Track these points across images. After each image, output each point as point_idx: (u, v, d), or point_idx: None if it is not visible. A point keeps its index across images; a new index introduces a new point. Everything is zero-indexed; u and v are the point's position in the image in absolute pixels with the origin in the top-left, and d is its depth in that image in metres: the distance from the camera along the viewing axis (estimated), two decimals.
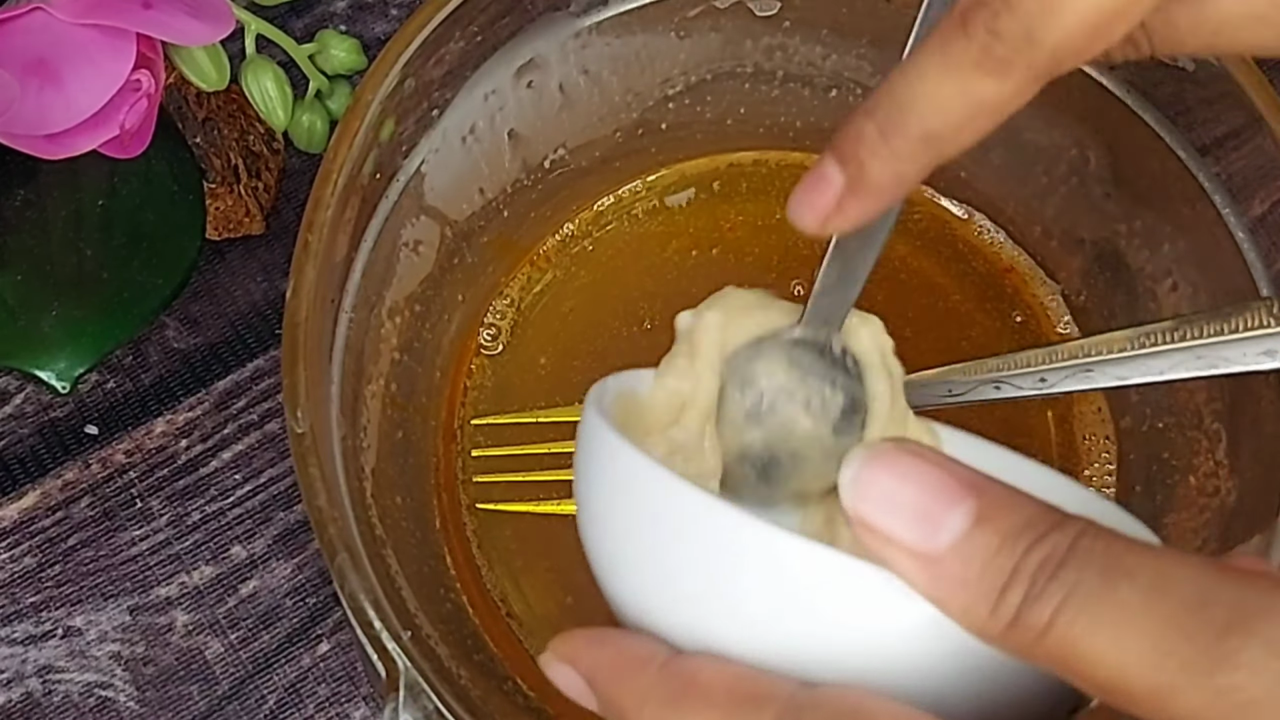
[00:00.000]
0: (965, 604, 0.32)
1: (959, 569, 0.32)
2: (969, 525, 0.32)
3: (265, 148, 0.64)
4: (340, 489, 0.47)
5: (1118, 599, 0.30)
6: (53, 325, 0.58)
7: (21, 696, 0.58)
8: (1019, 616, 0.31)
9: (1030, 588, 0.31)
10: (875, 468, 0.33)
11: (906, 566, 0.32)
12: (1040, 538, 0.31)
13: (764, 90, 0.61)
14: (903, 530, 0.32)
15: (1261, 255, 0.52)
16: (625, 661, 0.35)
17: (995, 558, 0.31)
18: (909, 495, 0.32)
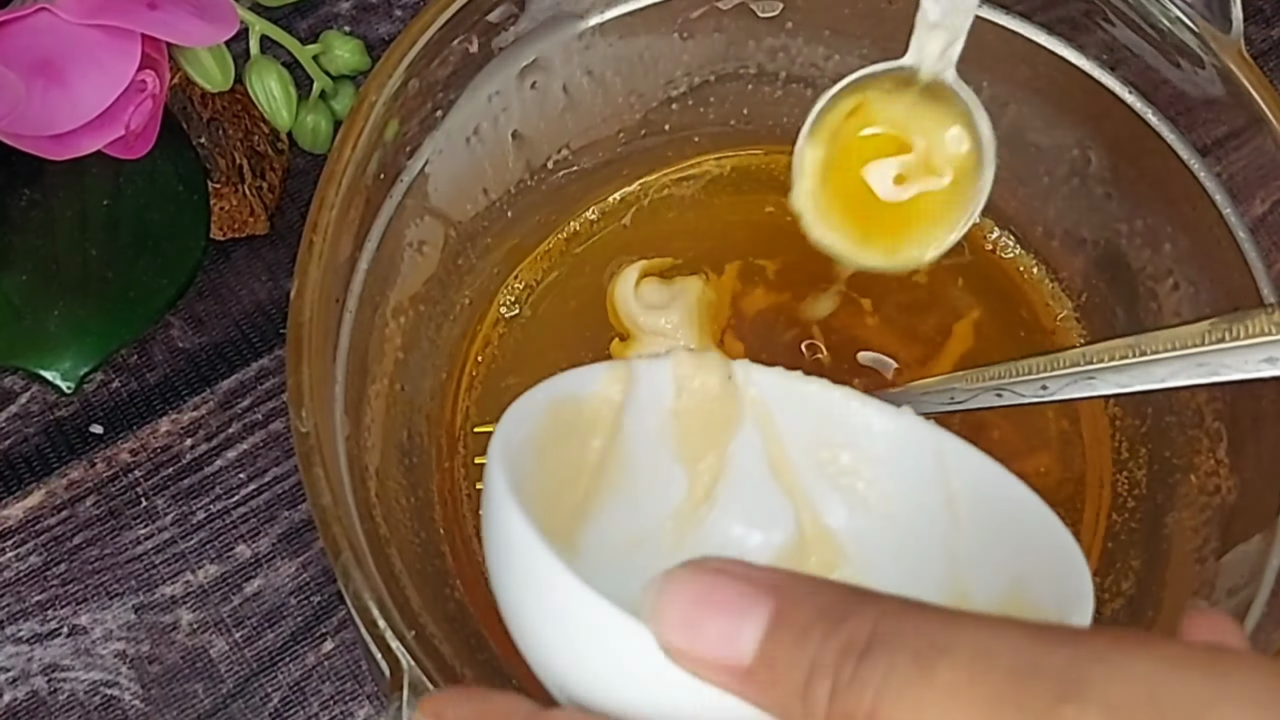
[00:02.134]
0: (781, 705, 0.31)
1: (765, 673, 0.31)
2: (767, 628, 0.32)
3: (270, 148, 0.64)
4: (344, 488, 0.47)
5: (939, 681, 0.29)
6: (58, 325, 0.58)
7: (27, 695, 0.58)
8: (833, 709, 0.30)
9: (836, 678, 0.30)
10: (670, 595, 0.33)
11: (726, 682, 0.32)
12: (835, 626, 0.31)
13: (766, 91, 0.61)
14: (709, 649, 0.32)
15: (1262, 255, 0.52)
16: (485, 716, 0.36)
17: (794, 654, 0.31)
18: (707, 615, 0.32)
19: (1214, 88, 0.51)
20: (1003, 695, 0.29)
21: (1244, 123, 0.51)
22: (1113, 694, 0.28)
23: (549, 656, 0.37)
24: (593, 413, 0.46)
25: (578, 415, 0.45)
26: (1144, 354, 0.47)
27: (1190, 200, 0.54)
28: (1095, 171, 0.57)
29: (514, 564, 0.38)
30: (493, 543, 0.39)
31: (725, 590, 0.32)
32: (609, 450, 0.46)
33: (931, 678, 0.29)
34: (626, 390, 0.46)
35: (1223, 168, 0.53)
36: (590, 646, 0.35)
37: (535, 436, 0.44)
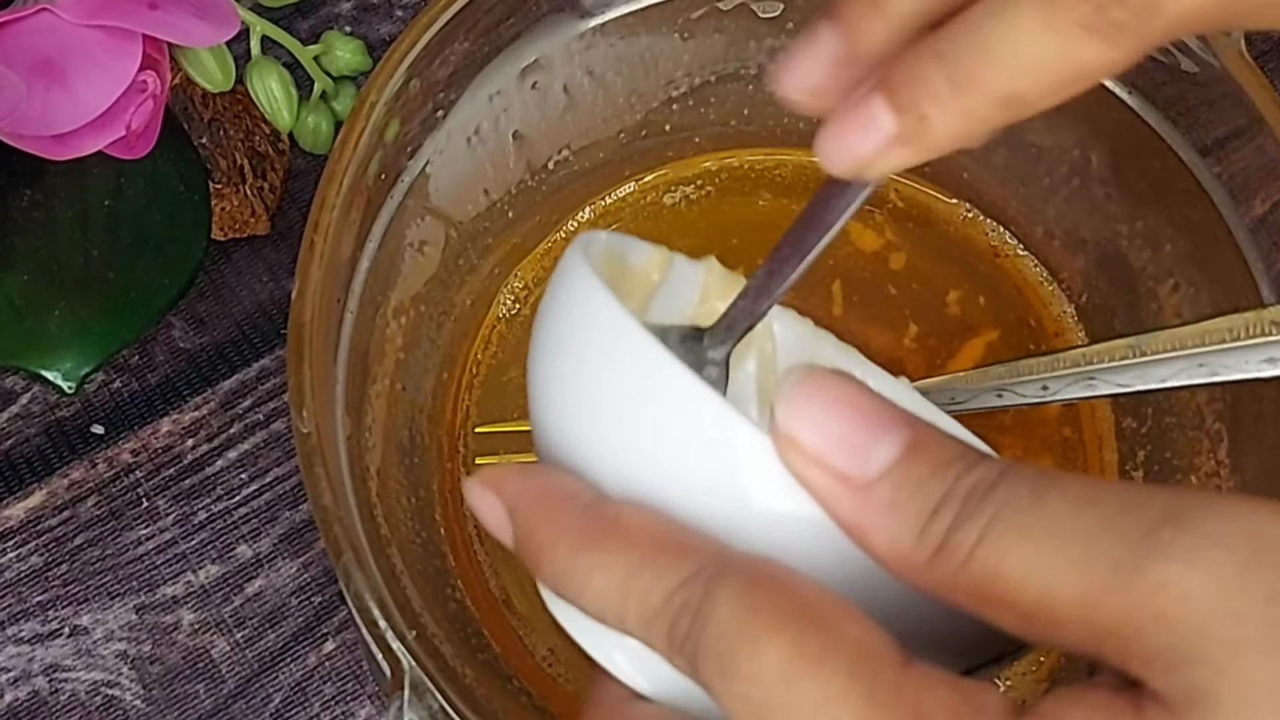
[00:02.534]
0: (892, 531, 0.30)
1: (888, 494, 0.31)
2: (900, 453, 0.31)
3: (271, 148, 0.64)
4: (345, 488, 0.47)
5: (1046, 510, 0.29)
6: (59, 325, 0.58)
7: (29, 695, 0.58)
8: (946, 540, 0.30)
9: (961, 509, 0.30)
10: (811, 388, 0.32)
11: (832, 492, 0.31)
12: (971, 466, 0.30)
13: (767, 92, 0.61)
14: (833, 453, 0.31)
15: (1262, 255, 0.52)
16: (551, 495, 0.34)
17: (927, 483, 0.30)
18: (842, 419, 0.31)
19: (1214, 88, 0.51)
20: (1104, 523, 0.28)
21: (1244, 123, 0.51)
22: (1211, 524, 0.28)
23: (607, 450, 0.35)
24: (631, 281, 0.45)
25: (620, 275, 0.44)
26: (1144, 354, 0.47)
27: (1191, 201, 0.54)
28: (1096, 172, 0.57)
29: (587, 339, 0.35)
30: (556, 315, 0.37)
31: (869, 404, 0.32)
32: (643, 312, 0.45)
33: (1043, 506, 0.29)
34: (663, 276, 0.45)
35: (1223, 168, 0.53)
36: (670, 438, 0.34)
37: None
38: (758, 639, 0.29)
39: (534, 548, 0.34)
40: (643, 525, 0.33)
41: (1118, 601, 0.28)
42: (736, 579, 0.30)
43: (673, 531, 0.32)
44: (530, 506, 0.34)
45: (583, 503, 0.33)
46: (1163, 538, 0.28)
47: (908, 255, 0.61)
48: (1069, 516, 0.29)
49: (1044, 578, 0.28)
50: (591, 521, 0.33)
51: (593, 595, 0.32)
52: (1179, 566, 0.27)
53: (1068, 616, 0.28)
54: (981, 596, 0.30)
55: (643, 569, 0.32)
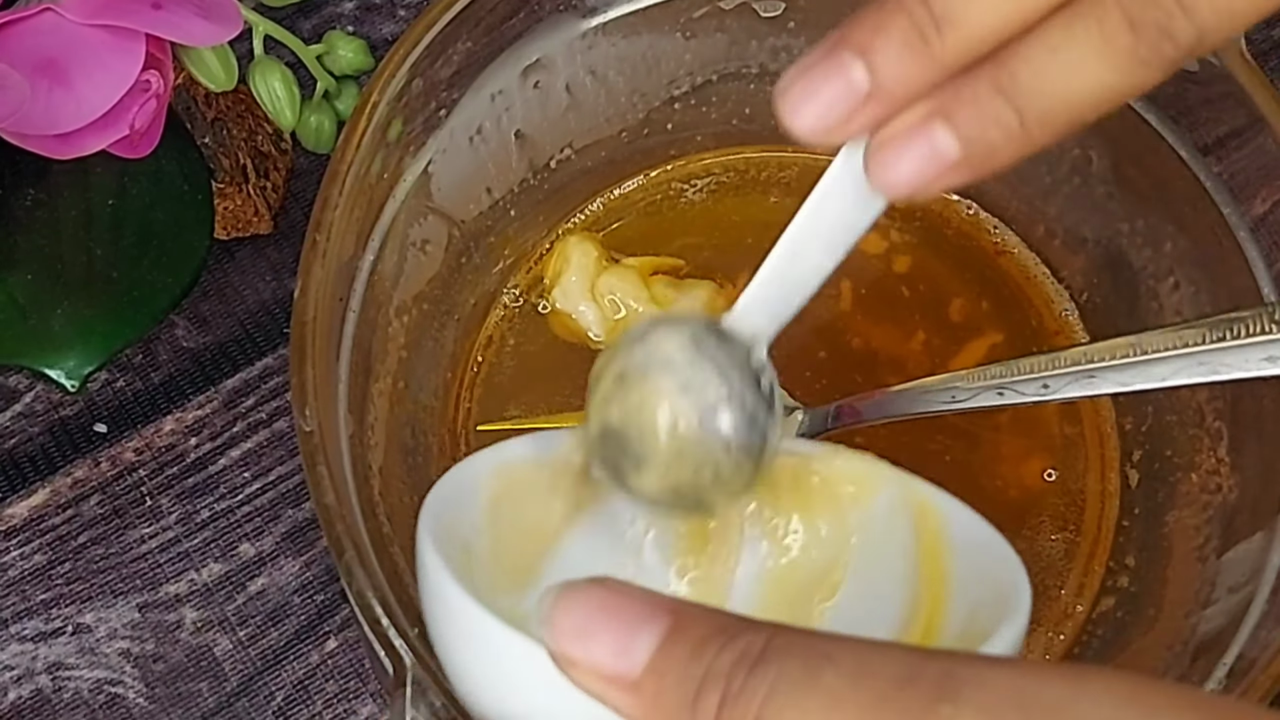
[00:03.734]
0: (665, 719, 0.31)
1: (653, 685, 0.31)
2: (661, 642, 0.32)
3: (273, 148, 0.64)
4: (348, 487, 0.48)
5: (823, 685, 0.29)
6: (62, 324, 0.58)
7: (32, 693, 0.58)
8: (721, 718, 0.30)
9: (727, 687, 0.30)
10: (567, 603, 0.33)
11: (612, 696, 0.32)
12: (731, 639, 0.31)
13: (769, 91, 0.61)
14: (600, 658, 0.32)
15: (1263, 254, 0.52)
16: None
17: (687, 666, 0.31)
18: (602, 624, 0.32)
19: (1215, 87, 0.51)
20: (884, 698, 0.29)
21: (1245, 122, 0.51)
22: (984, 695, 0.29)
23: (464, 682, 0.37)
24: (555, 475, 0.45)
25: (536, 479, 0.45)
26: (1145, 353, 0.47)
27: (1191, 200, 0.54)
28: (1097, 171, 0.57)
29: (430, 594, 0.38)
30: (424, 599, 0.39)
31: (622, 603, 0.32)
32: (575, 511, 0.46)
33: (817, 682, 0.30)
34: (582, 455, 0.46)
35: (1224, 167, 0.53)
36: (494, 665, 0.35)
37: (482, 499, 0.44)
38: None
39: None
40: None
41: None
42: None
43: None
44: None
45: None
46: (942, 713, 0.29)
47: (909, 254, 0.61)
48: (846, 692, 0.29)
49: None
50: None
51: None
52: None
53: None
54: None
55: None
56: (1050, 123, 0.34)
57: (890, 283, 0.61)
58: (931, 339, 0.60)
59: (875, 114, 0.35)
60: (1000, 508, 0.57)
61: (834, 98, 0.35)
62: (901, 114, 0.35)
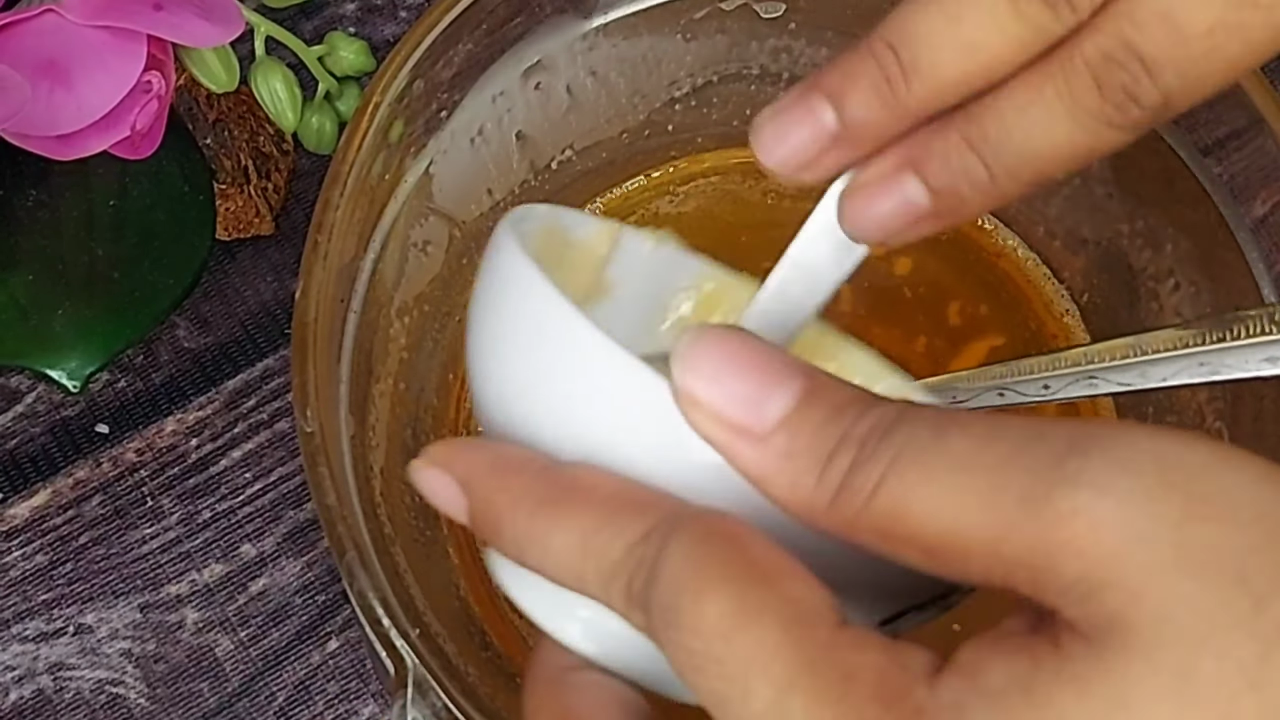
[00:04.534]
0: (790, 477, 0.31)
1: (784, 442, 0.31)
2: (796, 401, 0.31)
3: (275, 149, 0.64)
4: (349, 487, 0.48)
5: (949, 447, 0.29)
6: (64, 325, 0.58)
7: (33, 693, 0.58)
8: (846, 482, 0.30)
9: (860, 451, 0.30)
10: (705, 344, 0.32)
11: (732, 445, 0.31)
12: (868, 408, 0.31)
13: (770, 92, 0.61)
14: (729, 406, 0.31)
15: (1263, 256, 0.52)
16: (505, 464, 0.34)
17: (823, 427, 0.31)
18: (737, 372, 0.32)
19: None
20: (1009, 456, 0.28)
21: (1245, 123, 0.51)
22: (1118, 449, 0.28)
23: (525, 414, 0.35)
24: (576, 255, 0.45)
25: (562, 250, 0.44)
26: (1145, 353, 0.47)
27: (1191, 201, 0.54)
28: (1096, 172, 0.58)
29: (517, 318, 0.36)
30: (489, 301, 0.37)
31: (762, 356, 0.32)
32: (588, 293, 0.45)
33: (944, 444, 0.29)
34: (611, 249, 0.45)
35: (1224, 168, 0.53)
36: (592, 401, 0.34)
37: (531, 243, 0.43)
38: (701, 592, 0.30)
39: (491, 516, 0.34)
40: (599, 484, 0.33)
41: (1027, 532, 0.28)
42: (688, 534, 0.31)
43: (629, 489, 0.33)
44: (484, 477, 0.34)
45: (537, 467, 0.34)
46: (1070, 467, 0.28)
47: (909, 256, 0.62)
48: (973, 452, 0.29)
49: (950, 512, 0.29)
50: (548, 484, 0.33)
51: (553, 557, 0.33)
52: (1088, 494, 0.27)
53: (976, 550, 0.28)
54: (885, 536, 0.30)
55: (600, 528, 0.32)
56: (1018, 178, 0.35)
57: (891, 284, 0.61)
58: (932, 341, 0.60)
59: (843, 156, 0.36)
60: None
61: (804, 139, 0.36)
62: (874, 162, 0.36)
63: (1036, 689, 0.28)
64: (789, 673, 0.29)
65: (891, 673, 0.29)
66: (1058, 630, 0.28)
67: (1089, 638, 0.27)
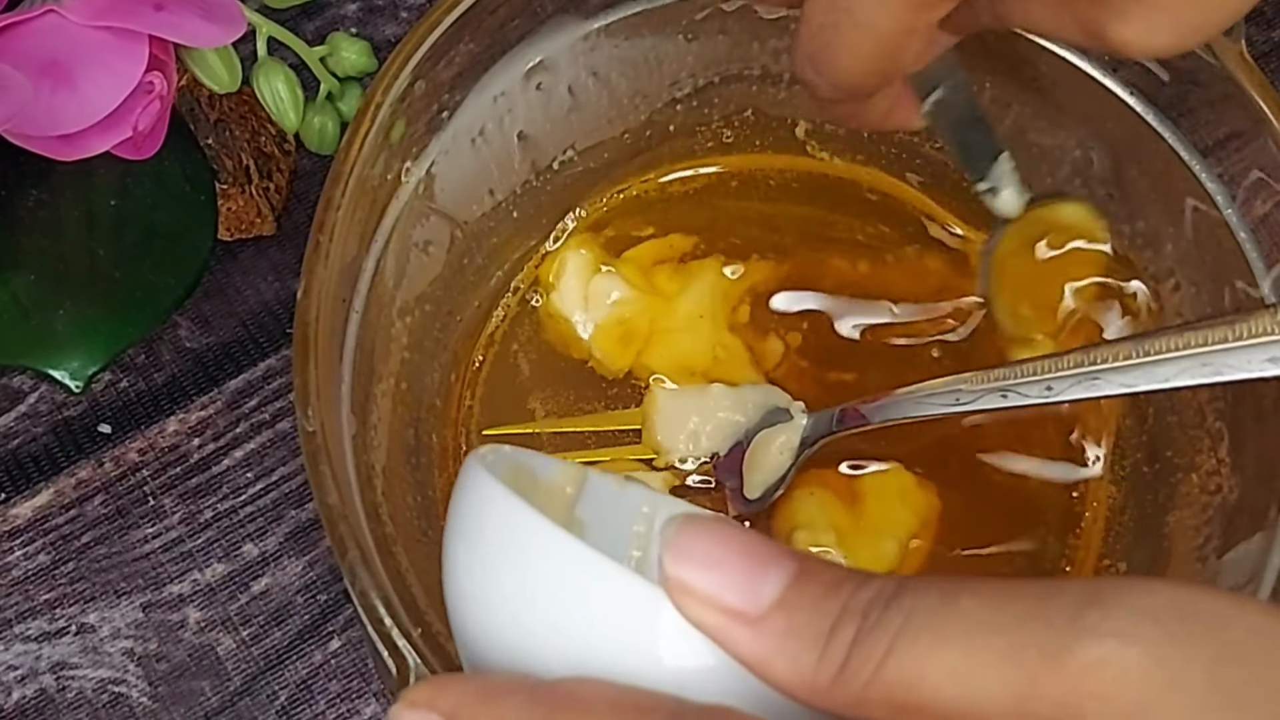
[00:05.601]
0: (791, 656, 0.30)
1: (782, 621, 0.30)
2: (790, 580, 0.31)
3: (277, 149, 0.64)
4: (351, 487, 0.48)
5: (960, 610, 0.28)
6: (66, 325, 0.58)
7: (36, 693, 0.58)
8: (850, 655, 0.29)
9: (863, 621, 0.29)
10: (693, 532, 0.32)
11: (727, 630, 0.31)
12: (865, 582, 0.30)
13: (771, 92, 0.61)
14: (723, 591, 0.31)
15: (1263, 256, 0.52)
16: (493, 690, 0.33)
17: (821, 602, 0.30)
18: (729, 557, 0.31)
19: (1215, 89, 0.51)
20: (1027, 615, 0.28)
21: (1245, 124, 0.51)
22: (1135, 600, 0.28)
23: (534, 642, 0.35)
24: (542, 496, 0.45)
25: (529, 491, 0.45)
26: (1148, 354, 0.47)
27: (1191, 200, 0.54)
28: (1097, 172, 0.58)
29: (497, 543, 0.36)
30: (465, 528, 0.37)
31: (750, 540, 0.32)
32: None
33: (955, 608, 0.29)
34: (577, 489, 0.46)
35: (1224, 168, 0.53)
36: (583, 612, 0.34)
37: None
38: None
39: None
40: (598, 694, 0.32)
41: (1053, 687, 0.27)
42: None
43: (628, 695, 0.32)
44: (475, 708, 0.32)
45: (528, 688, 0.32)
46: (1090, 619, 0.27)
47: (910, 256, 0.62)
48: (986, 612, 0.28)
49: (968, 675, 0.28)
50: (544, 703, 0.32)
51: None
52: (1114, 643, 0.27)
53: (997, 711, 0.28)
54: (897, 709, 0.29)
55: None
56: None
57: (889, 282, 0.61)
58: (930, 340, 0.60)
59: None
60: (1001, 508, 0.57)
61: None
62: None
63: None
64: None
65: None
66: None
67: None
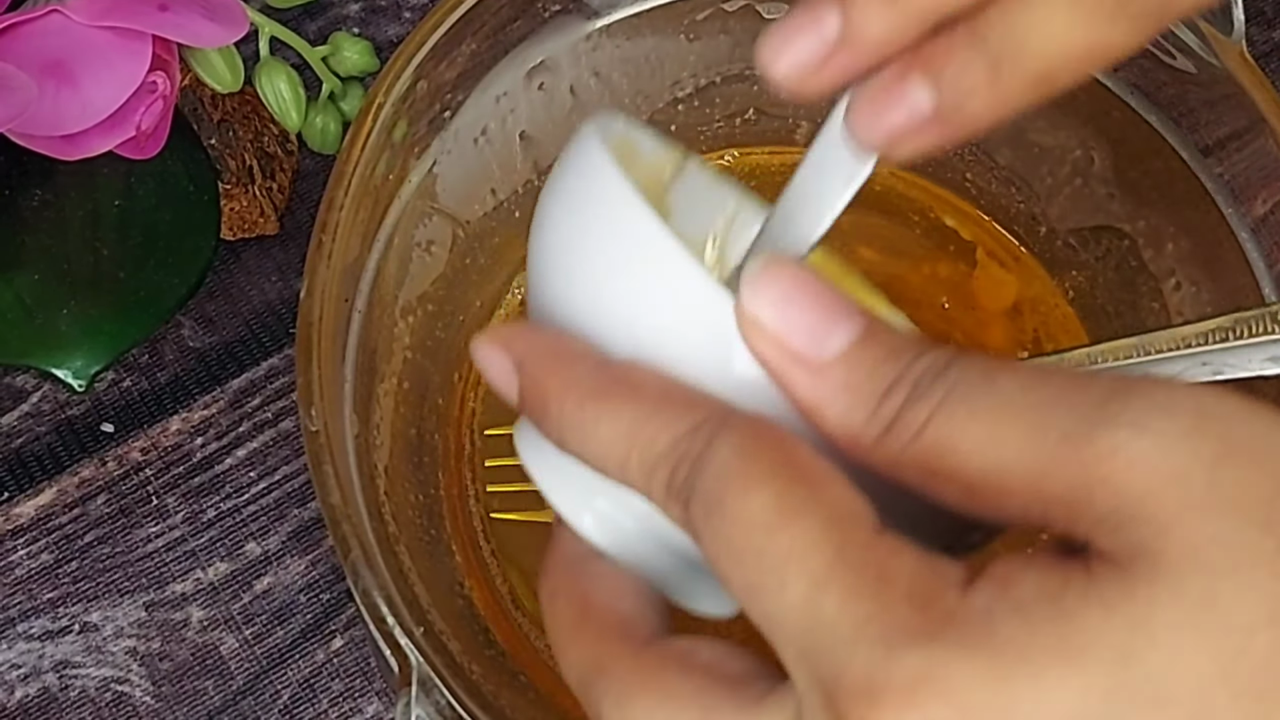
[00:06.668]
0: (844, 408, 0.32)
1: (843, 374, 0.32)
2: (857, 337, 0.32)
3: (279, 149, 0.64)
4: (354, 486, 0.48)
5: (997, 389, 0.30)
6: (69, 324, 0.58)
7: (39, 691, 0.58)
8: (897, 418, 0.31)
9: (913, 390, 0.31)
10: (774, 272, 0.33)
11: (789, 371, 0.32)
12: (924, 351, 0.31)
13: (772, 93, 0.61)
14: (792, 334, 0.32)
15: (1264, 255, 0.52)
16: (562, 351, 0.35)
17: (881, 365, 0.31)
18: (803, 304, 0.32)
19: (1216, 89, 0.51)
20: (1054, 399, 0.29)
21: (1246, 124, 0.51)
22: (1157, 396, 0.29)
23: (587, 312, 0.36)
24: (640, 172, 0.45)
25: (629, 164, 0.44)
26: (1148, 353, 0.47)
27: (1192, 201, 0.54)
28: (1098, 172, 0.58)
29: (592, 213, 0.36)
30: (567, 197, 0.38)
31: (827, 292, 0.33)
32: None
33: (992, 386, 0.30)
34: (674, 174, 0.46)
35: (1224, 169, 0.53)
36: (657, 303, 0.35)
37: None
38: (748, 485, 0.31)
39: (540, 398, 0.34)
40: (651, 380, 0.34)
41: (1067, 468, 0.29)
42: (738, 431, 0.32)
43: (680, 388, 0.33)
44: (539, 360, 0.35)
45: (593, 360, 0.34)
46: (1111, 409, 0.29)
47: (911, 256, 0.62)
48: (1019, 394, 0.30)
49: (993, 450, 0.30)
50: (601, 375, 0.34)
51: (597, 444, 0.33)
52: (1128, 433, 0.28)
53: (1016, 486, 0.29)
54: (929, 472, 0.31)
55: (650, 418, 0.33)
56: (1021, 76, 0.34)
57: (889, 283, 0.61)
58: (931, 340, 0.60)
59: (846, 63, 0.35)
60: None
61: (807, 47, 0.35)
62: (881, 72, 0.36)
63: (1064, 604, 0.28)
64: (826, 568, 0.30)
65: (925, 577, 0.30)
66: (1090, 557, 0.29)
67: (1119, 564, 0.28)
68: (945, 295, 0.61)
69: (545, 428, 0.35)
